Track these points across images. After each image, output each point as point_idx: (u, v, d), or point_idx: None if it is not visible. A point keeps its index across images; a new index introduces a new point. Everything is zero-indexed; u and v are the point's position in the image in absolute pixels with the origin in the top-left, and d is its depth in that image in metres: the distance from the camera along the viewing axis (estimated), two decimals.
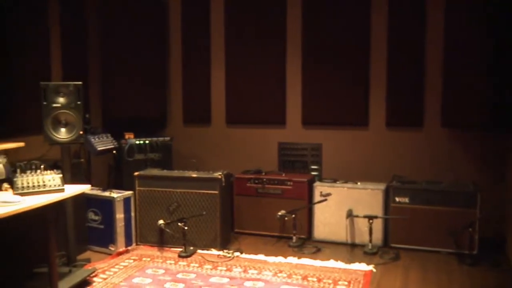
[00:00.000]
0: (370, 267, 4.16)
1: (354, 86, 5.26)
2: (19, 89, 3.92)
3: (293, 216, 4.81)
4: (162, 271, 4.15)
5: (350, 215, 4.76)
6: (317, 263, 4.29)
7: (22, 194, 3.27)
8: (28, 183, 3.41)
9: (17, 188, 3.35)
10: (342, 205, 4.85)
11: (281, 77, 5.55)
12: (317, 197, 4.93)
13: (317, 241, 4.92)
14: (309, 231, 5.01)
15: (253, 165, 5.52)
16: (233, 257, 4.47)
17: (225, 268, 4.19)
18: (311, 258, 4.42)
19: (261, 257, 4.47)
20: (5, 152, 3.63)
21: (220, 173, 4.70)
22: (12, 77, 4.24)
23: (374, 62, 5.18)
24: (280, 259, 4.40)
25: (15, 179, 3.43)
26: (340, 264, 4.25)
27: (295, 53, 5.47)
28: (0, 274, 3.46)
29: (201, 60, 5.88)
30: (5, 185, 3.54)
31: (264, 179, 5.13)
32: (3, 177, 3.55)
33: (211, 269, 4.18)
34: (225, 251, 4.59)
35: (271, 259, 4.41)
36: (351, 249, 4.71)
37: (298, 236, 4.85)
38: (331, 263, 4.27)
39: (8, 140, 4.03)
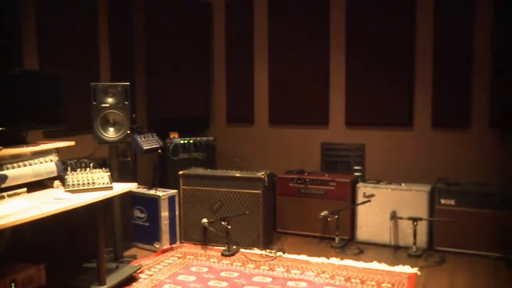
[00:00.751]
0: (415, 270, 4.08)
1: (399, 85, 5.16)
2: (70, 89, 4.05)
3: (336, 216, 4.77)
4: (205, 269, 4.21)
5: (394, 216, 4.68)
6: (360, 264, 4.24)
7: (72, 192, 3.39)
8: (78, 181, 3.53)
9: (68, 185, 3.47)
10: (386, 207, 4.77)
11: (325, 77, 5.52)
12: (360, 198, 4.88)
13: (360, 242, 4.86)
14: (351, 232, 4.96)
15: (296, 165, 5.52)
16: (276, 257, 4.47)
17: (267, 268, 4.20)
18: (354, 259, 4.38)
19: (303, 257, 4.46)
20: (57, 151, 3.76)
21: (263, 173, 4.72)
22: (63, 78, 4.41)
23: (419, 60, 5.06)
24: (322, 259, 4.38)
25: (66, 177, 3.57)
26: (384, 266, 4.18)
27: (338, 52, 5.42)
28: (53, 268, 3.58)
29: (244, 60, 5.92)
30: (57, 182, 3.68)
31: (307, 179, 5.11)
32: (55, 174, 3.68)
33: (254, 268, 4.20)
34: (267, 250, 4.61)
35: (314, 259, 4.39)
36: (394, 251, 4.63)
37: (340, 237, 4.81)
38: (375, 265, 4.22)
39: (60, 139, 4.19)
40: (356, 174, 5.36)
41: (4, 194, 3.23)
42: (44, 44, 4.38)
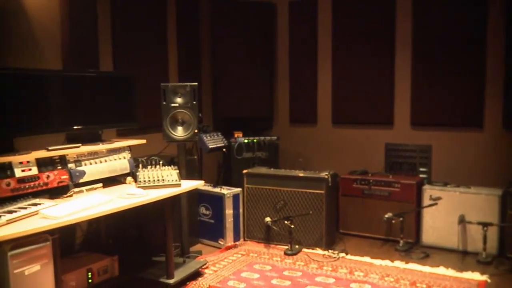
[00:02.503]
0: (485, 277, 3.93)
1: (468, 85, 4.98)
2: (141, 90, 4.23)
3: (401, 219, 4.68)
4: (269, 267, 4.25)
5: (462, 221, 4.53)
6: (426, 269, 4.14)
7: (144, 188, 3.53)
8: (149, 177, 3.68)
9: (140, 181, 3.62)
10: (453, 210, 4.62)
11: (389, 77, 5.42)
12: (426, 201, 4.75)
13: (426, 246, 4.74)
14: (417, 236, 4.84)
15: (359, 166, 5.45)
16: (339, 258, 4.45)
17: (330, 268, 4.19)
18: (419, 263, 4.28)
19: (366, 259, 4.41)
20: (130, 148, 3.93)
21: (327, 173, 4.71)
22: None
23: (490, 60, 4.86)
24: (386, 262, 4.31)
25: (138, 174, 3.73)
26: (451, 272, 4.06)
27: (404, 52, 5.31)
28: (124, 261, 3.75)
29: (308, 60, 5.93)
30: (129, 178, 3.85)
31: (371, 180, 5.04)
32: (128, 171, 3.85)
33: (317, 268, 4.21)
34: (330, 251, 4.59)
35: (377, 262, 4.33)
36: (462, 257, 4.48)
37: (405, 240, 4.71)
38: (441, 270, 4.10)
39: (132, 137, 4.39)
40: (421, 176, 5.23)
41: (83, 188, 3.44)
42: (118, 46, 4.60)
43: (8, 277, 2.61)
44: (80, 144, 3.56)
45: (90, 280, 3.48)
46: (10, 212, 2.79)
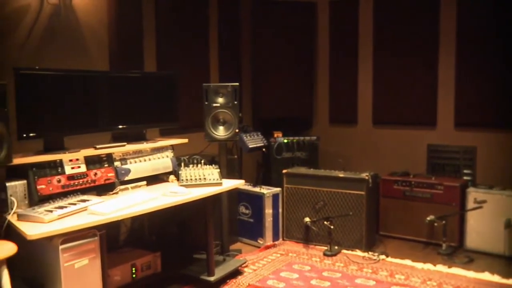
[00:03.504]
0: None
1: None
2: (183, 90, 4.31)
3: (443, 222, 4.58)
4: (308, 267, 4.26)
5: (509, 225, 4.40)
6: (470, 274, 4.04)
7: (186, 186, 3.60)
8: (191, 176, 3.74)
9: (182, 180, 3.69)
10: (499, 214, 4.49)
11: (432, 77, 5.31)
12: (470, 204, 4.64)
13: (469, 250, 4.63)
14: (460, 239, 4.73)
15: (400, 167, 5.37)
16: (379, 260, 4.41)
17: (370, 271, 4.16)
18: (463, 268, 4.18)
19: (408, 262, 4.34)
20: (172, 147, 4.02)
21: (367, 174, 4.67)
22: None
23: None
24: (428, 266, 4.23)
25: (180, 172, 3.80)
26: (497, 278, 3.94)
27: (448, 51, 5.18)
28: (167, 257, 3.83)
29: (348, 60, 5.88)
30: (172, 177, 3.93)
31: (412, 182, 4.96)
32: (170, 169, 3.93)
33: (357, 270, 4.18)
34: (370, 253, 4.55)
35: (419, 265, 4.26)
36: (508, 263, 4.35)
37: (448, 243, 4.61)
38: (486, 276, 4.00)
39: (174, 136, 4.47)
40: (465, 178, 5.11)
41: (128, 186, 3.54)
42: (161, 47, 4.71)
43: (60, 269, 2.72)
44: (125, 143, 3.67)
45: (134, 275, 3.57)
46: (61, 207, 2.91)
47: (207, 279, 3.73)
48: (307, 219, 4.80)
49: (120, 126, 3.75)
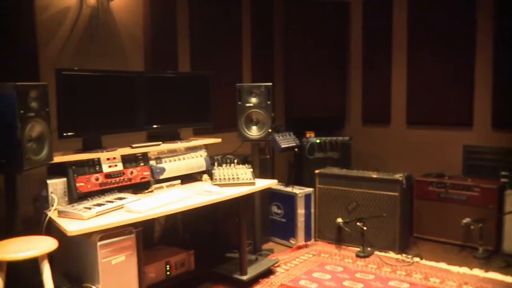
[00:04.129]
0: None
1: None
2: (217, 90, 4.35)
3: (480, 225, 4.49)
4: (340, 268, 4.24)
5: None
6: (508, 279, 3.94)
7: (220, 185, 3.63)
8: (224, 175, 3.78)
9: (216, 179, 3.73)
10: None
11: (469, 76, 5.19)
12: (508, 207, 4.52)
13: (507, 254, 4.51)
14: (497, 243, 4.61)
15: (435, 168, 5.28)
16: (413, 262, 4.35)
17: (404, 273, 4.10)
18: (500, 273, 4.07)
19: (442, 265, 4.27)
20: (206, 147, 4.06)
21: (401, 175, 4.61)
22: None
23: None
24: (464, 270, 4.15)
25: (213, 171, 3.84)
26: None
27: (485, 49, 5.06)
28: (199, 255, 3.88)
29: (382, 59, 5.82)
30: (205, 176, 3.97)
31: (447, 183, 4.87)
32: (204, 169, 3.97)
33: (390, 272, 4.13)
34: (403, 255, 4.49)
35: (455, 268, 4.18)
36: None
37: (484, 247, 4.51)
38: None
39: (207, 136, 4.52)
40: (503, 180, 4.98)
41: (163, 184, 3.60)
42: (195, 48, 4.77)
43: (98, 265, 2.80)
44: (160, 142, 3.73)
45: (168, 273, 3.63)
46: (99, 205, 2.98)
47: (240, 278, 3.76)
48: (339, 220, 4.77)
49: (155, 126, 3.81)
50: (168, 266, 3.63)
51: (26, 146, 2.67)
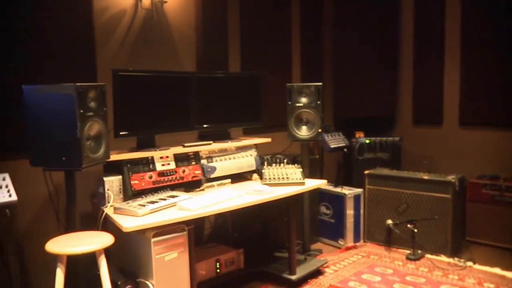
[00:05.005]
0: None
1: None
2: (266, 90, 4.37)
3: None
4: (390, 271, 4.17)
5: None
6: None
7: (269, 185, 3.65)
8: (274, 175, 3.79)
9: (265, 179, 3.75)
10: None
11: None
12: None
13: None
14: None
15: (489, 170, 5.10)
16: (465, 267, 4.22)
17: (457, 277, 3.99)
18: None
19: (497, 270, 4.12)
20: (256, 146, 4.09)
21: (453, 177, 4.48)
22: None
23: None
24: None
25: (263, 171, 3.86)
26: None
27: None
28: (249, 254, 3.91)
29: (434, 58, 5.66)
30: (255, 175, 4.00)
31: (502, 186, 4.70)
32: (253, 168, 4.01)
33: (442, 276, 4.03)
34: (456, 259, 4.37)
35: (510, 274, 4.03)
36: None
37: None
38: None
39: (257, 135, 4.55)
40: None
41: (214, 183, 3.65)
42: (245, 48, 4.81)
43: (151, 261, 2.87)
44: (211, 142, 3.78)
45: (218, 270, 3.68)
46: (152, 202, 3.06)
47: (288, 277, 3.77)
48: (389, 222, 4.70)
49: (206, 125, 3.87)
50: (218, 264, 3.68)
51: (85, 144, 2.77)
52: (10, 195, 2.69)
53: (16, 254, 3.23)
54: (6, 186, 2.71)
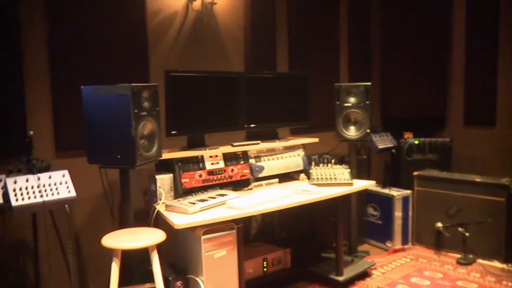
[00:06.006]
0: None
1: None
2: (313, 90, 4.36)
3: None
4: (440, 275, 4.08)
5: None
6: None
7: (317, 185, 3.64)
8: (321, 175, 3.78)
9: (313, 179, 3.75)
10: None
11: None
12: None
13: None
14: None
15: None
16: None
17: (511, 284, 3.86)
18: None
19: None
20: (303, 146, 4.09)
21: (508, 179, 4.33)
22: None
23: None
24: None
25: (311, 171, 3.85)
26: None
27: None
28: (295, 254, 3.91)
29: (487, 57, 5.48)
30: (302, 175, 4.00)
31: None
32: (301, 168, 4.01)
33: (495, 282, 3.90)
34: (510, 265, 4.22)
35: None
36: None
37: None
38: None
39: (304, 135, 4.55)
40: None
41: (263, 182, 3.68)
42: (293, 48, 4.82)
43: (201, 258, 2.93)
44: (260, 141, 3.81)
45: (265, 269, 3.71)
46: (202, 200, 3.12)
47: (335, 278, 3.75)
48: (439, 224, 4.59)
49: (254, 125, 3.90)
50: (265, 262, 3.71)
51: (139, 143, 2.85)
52: (69, 191, 2.80)
53: (74, 247, 3.37)
54: (66, 183, 2.82)
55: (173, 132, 3.35)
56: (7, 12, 3.09)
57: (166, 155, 3.23)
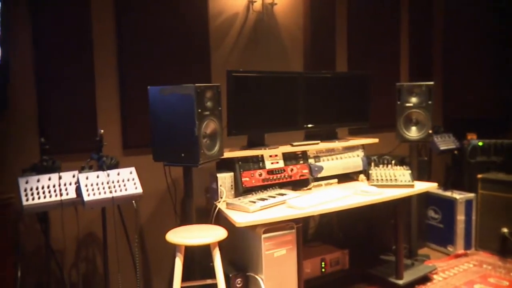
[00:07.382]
0: None
1: None
2: (373, 89, 4.30)
3: None
4: (506, 282, 3.91)
5: None
6: None
7: (377, 186, 3.59)
8: (381, 176, 3.73)
9: (373, 180, 3.70)
10: None
11: None
12: None
13: None
14: None
15: None
16: None
17: None
18: None
19: None
20: (363, 147, 4.04)
21: None
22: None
23: None
24: None
25: (370, 172, 3.80)
26: None
27: None
28: (353, 255, 3.88)
29: None
30: (362, 176, 3.96)
31: None
32: (360, 169, 3.97)
33: None
34: None
35: None
36: None
37: None
38: None
39: (363, 135, 4.49)
40: None
41: (322, 182, 3.68)
42: (352, 47, 4.78)
43: (261, 256, 2.96)
44: (319, 141, 3.80)
45: (323, 270, 3.70)
46: (262, 199, 3.15)
47: (395, 282, 3.68)
48: (505, 230, 4.41)
49: (314, 125, 3.89)
50: (323, 263, 3.70)
51: (202, 142, 2.92)
52: (136, 188, 2.91)
53: (139, 242, 3.51)
54: (133, 179, 2.93)
55: (234, 132, 3.40)
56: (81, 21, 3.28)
57: (227, 154, 3.29)
